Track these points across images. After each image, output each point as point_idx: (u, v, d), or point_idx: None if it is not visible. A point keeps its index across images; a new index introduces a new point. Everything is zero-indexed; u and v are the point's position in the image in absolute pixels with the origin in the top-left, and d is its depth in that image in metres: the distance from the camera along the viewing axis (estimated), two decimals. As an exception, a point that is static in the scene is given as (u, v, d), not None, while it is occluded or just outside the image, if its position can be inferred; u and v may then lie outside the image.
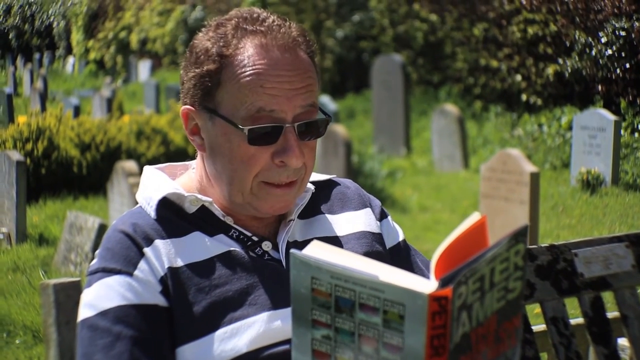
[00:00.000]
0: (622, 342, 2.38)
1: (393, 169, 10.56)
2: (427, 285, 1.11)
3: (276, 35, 1.61)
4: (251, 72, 1.58)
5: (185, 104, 1.67)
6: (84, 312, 1.57)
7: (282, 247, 1.69)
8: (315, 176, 1.84)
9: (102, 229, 5.90)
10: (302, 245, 1.63)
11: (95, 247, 5.78)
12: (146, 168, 1.78)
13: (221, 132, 1.61)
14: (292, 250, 1.21)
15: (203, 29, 1.68)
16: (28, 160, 8.19)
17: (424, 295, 1.08)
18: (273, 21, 1.63)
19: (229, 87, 1.59)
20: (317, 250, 1.21)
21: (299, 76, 1.60)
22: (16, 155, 6.91)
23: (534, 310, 3.51)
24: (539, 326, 2.13)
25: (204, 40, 1.64)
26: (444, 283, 1.09)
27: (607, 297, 2.26)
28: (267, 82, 1.57)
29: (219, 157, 1.63)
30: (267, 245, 1.68)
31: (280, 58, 1.59)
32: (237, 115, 1.59)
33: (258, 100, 1.57)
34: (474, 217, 1.20)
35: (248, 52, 1.59)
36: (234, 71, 1.59)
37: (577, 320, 2.20)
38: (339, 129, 9.32)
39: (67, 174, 8.85)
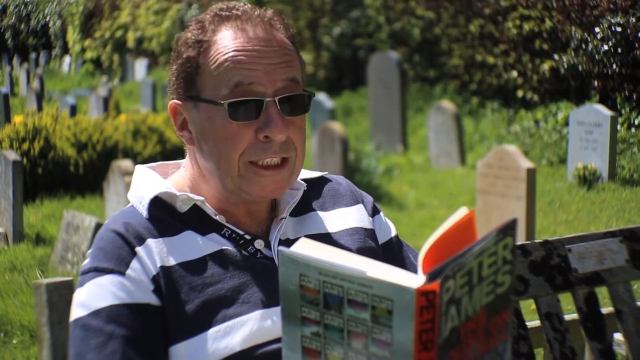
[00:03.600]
0: (618, 336, 2.38)
1: (390, 166, 10.56)
2: (414, 280, 1.11)
3: (251, 16, 1.64)
4: (228, 51, 1.60)
5: (172, 99, 1.69)
6: (77, 311, 1.57)
7: (275, 245, 1.68)
8: (307, 173, 1.84)
9: (98, 228, 5.90)
10: (294, 243, 1.63)
11: (91, 246, 5.77)
12: (138, 167, 1.78)
13: (205, 116, 1.63)
14: (280, 248, 1.21)
15: (186, 28, 1.71)
16: (25, 160, 8.20)
17: (412, 290, 1.08)
18: (248, 7, 1.67)
19: (208, 70, 1.62)
20: (305, 247, 1.21)
21: (276, 52, 1.62)
22: (13, 155, 6.90)
23: (530, 306, 3.51)
24: (533, 322, 2.13)
25: (185, 34, 1.69)
26: (431, 278, 1.09)
27: (602, 292, 2.25)
28: (244, 59, 1.60)
29: (205, 144, 1.64)
30: (259, 244, 1.68)
31: (256, 37, 1.62)
32: (218, 94, 1.61)
33: (236, 75, 1.59)
34: (462, 212, 1.20)
35: (224, 35, 1.62)
36: (212, 54, 1.62)
37: (571, 315, 2.20)
38: (335, 126, 9.31)
39: (64, 174, 8.84)
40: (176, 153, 9.56)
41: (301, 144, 1.67)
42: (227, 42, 1.61)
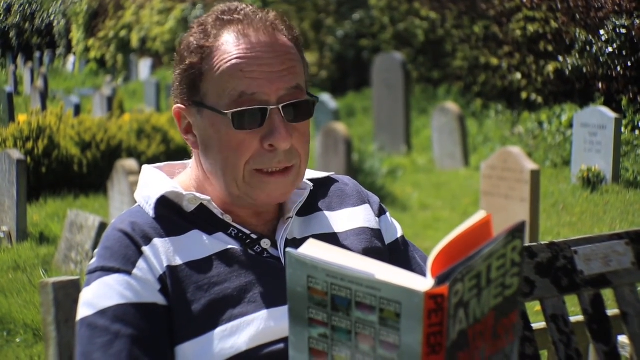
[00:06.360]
0: (623, 339, 2.38)
1: (393, 167, 10.56)
2: (423, 283, 1.11)
3: (253, 21, 1.63)
4: (230, 58, 1.60)
5: (176, 103, 1.69)
6: (83, 310, 1.57)
7: (281, 244, 1.69)
8: (314, 174, 1.84)
9: (102, 227, 5.90)
10: (300, 242, 1.63)
11: (95, 245, 5.78)
12: (144, 167, 1.79)
13: (209, 123, 1.62)
14: (288, 249, 1.20)
15: (189, 30, 1.70)
16: (29, 159, 8.21)
17: (420, 293, 1.08)
18: (250, 10, 1.66)
19: (211, 77, 1.61)
20: (313, 249, 1.21)
21: (278, 58, 1.61)
22: (17, 154, 6.91)
23: (534, 307, 3.51)
24: (539, 324, 2.13)
25: (187, 38, 1.68)
26: (440, 281, 1.09)
27: (607, 294, 2.25)
28: (247, 66, 1.59)
29: (210, 150, 1.64)
30: (265, 243, 1.68)
31: (258, 42, 1.61)
32: (222, 103, 1.60)
33: (239, 84, 1.59)
34: (479, 215, 1.19)
35: (226, 40, 1.61)
36: (214, 60, 1.61)
37: (577, 317, 2.20)
38: (339, 127, 9.31)
39: (68, 173, 8.85)
40: (180, 153, 9.57)
41: (305, 150, 1.67)
42: (229, 47, 1.60)
